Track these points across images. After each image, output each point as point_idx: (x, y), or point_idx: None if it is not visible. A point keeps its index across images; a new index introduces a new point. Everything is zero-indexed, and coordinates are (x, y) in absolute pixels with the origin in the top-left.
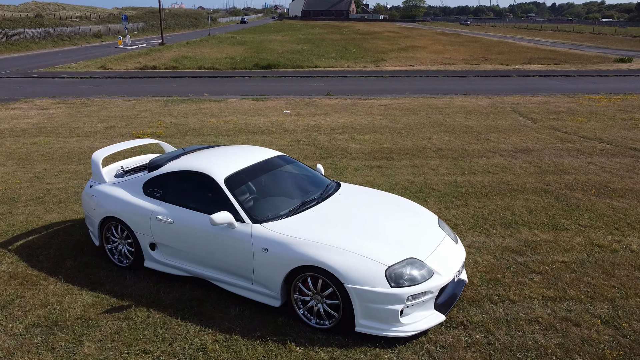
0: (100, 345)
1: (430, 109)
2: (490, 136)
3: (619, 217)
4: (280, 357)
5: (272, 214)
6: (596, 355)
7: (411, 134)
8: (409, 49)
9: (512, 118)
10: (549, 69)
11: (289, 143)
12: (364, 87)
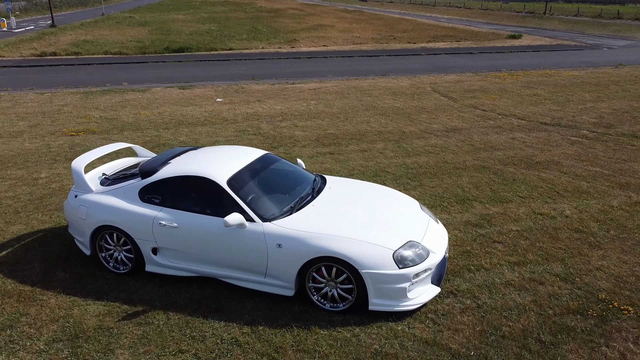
0: (132, 351)
1: (358, 91)
2: (420, 117)
3: (548, 187)
4: (308, 340)
5: (278, 212)
6: (563, 307)
7: (349, 118)
8: (317, 28)
9: (434, 98)
10: (452, 46)
11: (235, 133)
12: (286, 70)
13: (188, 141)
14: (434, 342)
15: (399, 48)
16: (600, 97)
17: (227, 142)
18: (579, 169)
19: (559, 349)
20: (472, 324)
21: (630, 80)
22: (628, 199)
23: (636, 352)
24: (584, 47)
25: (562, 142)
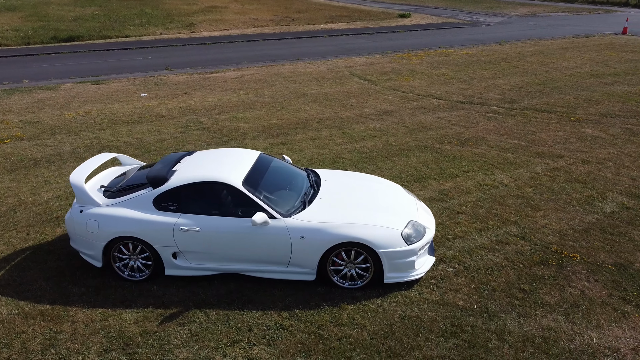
0: (189, 349)
1: (282, 78)
2: (350, 102)
3: (483, 161)
4: (342, 316)
5: (293, 207)
6: (529, 261)
7: (285, 107)
8: (211, 10)
9: (355, 82)
10: (350, 27)
11: (179, 130)
12: (197, 58)
13: (132, 141)
14: (443, 302)
15: (301, 30)
16: (497, 74)
17: (173, 139)
18: (501, 142)
19: (537, 293)
20: (467, 283)
21: (515, 57)
22: (547, 165)
23: (590, 287)
24: (467, 24)
25: (480, 119)
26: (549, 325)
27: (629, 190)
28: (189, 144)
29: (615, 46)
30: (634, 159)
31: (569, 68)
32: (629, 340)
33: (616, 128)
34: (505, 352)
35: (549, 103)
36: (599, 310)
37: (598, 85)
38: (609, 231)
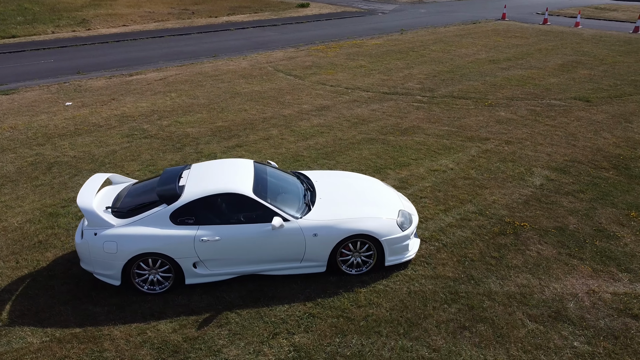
0: (236, 346)
1: (208, 77)
2: (286, 99)
3: (426, 148)
4: (358, 298)
5: (301, 209)
6: (491, 233)
7: (225, 108)
8: (100, 4)
9: (283, 78)
10: (255, 18)
11: (125, 139)
12: (107, 59)
13: (81, 155)
14: (436, 275)
15: (205, 24)
16: (409, 64)
17: (123, 149)
18: (435, 130)
19: (505, 258)
20: (449, 257)
21: (420, 46)
22: (479, 148)
23: (543, 249)
24: (364, 12)
25: (410, 109)
26: (522, 283)
27: (549, 164)
28: (143, 154)
29: (500, 32)
30: (544, 137)
31: (468, 55)
32: (582, 287)
33: (523, 110)
34: (497, 309)
35: (463, 90)
36: (555, 266)
37: (497, 70)
38: (543, 201)
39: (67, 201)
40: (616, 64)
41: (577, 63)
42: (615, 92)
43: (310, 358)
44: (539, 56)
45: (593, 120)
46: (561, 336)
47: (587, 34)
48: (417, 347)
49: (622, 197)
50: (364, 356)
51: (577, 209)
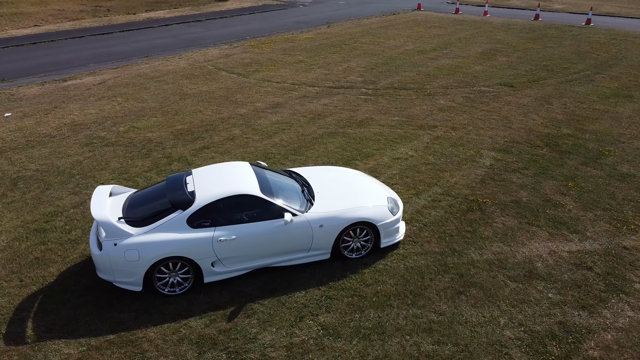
0: (269, 331)
1: (149, 79)
2: (236, 98)
3: (384, 138)
4: (365, 278)
5: (305, 204)
6: (461, 210)
7: (179, 111)
8: (2, 2)
9: (227, 77)
10: (176, 15)
11: (85, 149)
12: (30, 63)
13: (45, 169)
14: (425, 251)
15: (125, 22)
16: (345, 57)
17: (88, 159)
18: (386, 120)
19: (478, 231)
20: (431, 235)
21: (350, 38)
22: (430, 135)
23: (506, 220)
24: (285, 5)
25: (358, 102)
26: (496, 250)
27: (493, 146)
28: (110, 163)
29: (420, 22)
30: (483, 121)
31: (397, 47)
32: (544, 249)
33: (459, 97)
34: (482, 274)
35: (401, 81)
36: (519, 234)
37: (427, 61)
38: (496, 179)
39: (49, 216)
40: (527, 50)
41: (494, 51)
42: (533, 77)
43: (338, 334)
44: (460, 45)
45: (520, 103)
46: (537, 290)
47: (497, 22)
48: (426, 313)
49: (559, 171)
50: (383, 326)
51: (525, 183)
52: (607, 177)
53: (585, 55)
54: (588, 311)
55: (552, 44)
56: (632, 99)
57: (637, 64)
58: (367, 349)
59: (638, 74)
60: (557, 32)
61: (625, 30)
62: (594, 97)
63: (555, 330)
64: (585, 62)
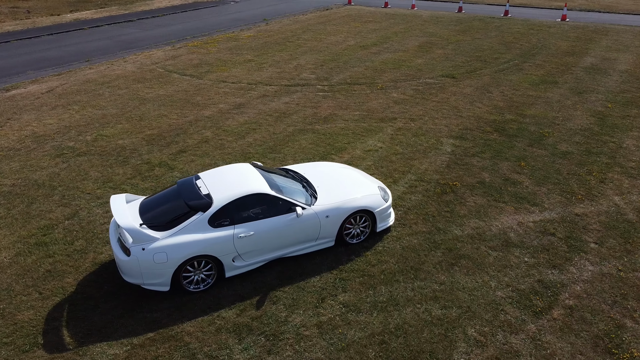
0: (297, 314)
1: (100, 85)
2: (197, 100)
3: (351, 132)
4: (369, 260)
5: (310, 198)
6: (435, 192)
7: (143, 116)
8: None
9: (180, 79)
10: (105, 14)
11: (58, 160)
12: None
13: (22, 183)
14: (414, 232)
15: (51, 24)
16: (292, 55)
17: (64, 170)
18: (349, 115)
19: (455, 211)
20: (416, 217)
21: (292, 36)
22: (392, 127)
23: (477, 199)
24: (216, 2)
25: (318, 98)
26: (474, 226)
27: (450, 134)
28: (90, 172)
29: (355, 17)
30: (436, 112)
31: (339, 43)
32: (513, 221)
33: (409, 90)
34: (467, 247)
35: (352, 77)
36: (490, 210)
37: (371, 55)
38: (459, 163)
39: (45, 229)
40: (459, 43)
41: (430, 44)
42: (469, 67)
43: (359, 309)
44: (397, 39)
45: (464, 93)
46: (515, 256)
47: (426, 15)
48: (429, 284)
49: (510, 153)
50: (395, 298)
51: (484, 166)
52: (551, 156)
53: (510, 45)
54: (558, 269)
55: (479, 35)
56: (557, 85)
57: (555, 52)
58: (387, 319)
59: (559, 62)
60: (482, 24)
61: (539, 20)
62: (525, 84)
63: (536, 287)
64: (511, 52)
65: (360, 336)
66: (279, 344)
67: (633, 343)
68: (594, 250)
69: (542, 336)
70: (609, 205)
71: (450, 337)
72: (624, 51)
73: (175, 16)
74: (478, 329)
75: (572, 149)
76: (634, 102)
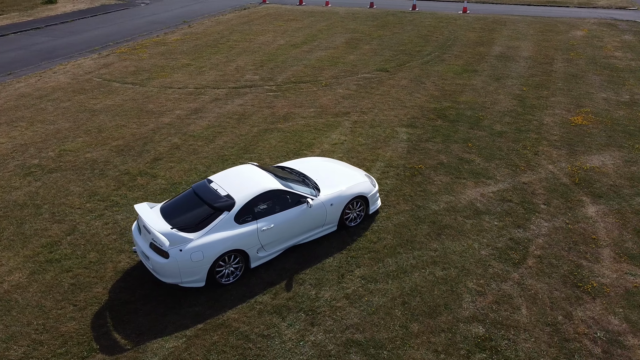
0: (325, 291)
1: (38, 99)
2: (150, 108)
3: (314, 128)
4: (370, 238)
5: (315, 189)
6: (405, 175)
7: (101, 128)
8: None
9: (122, 87)
10: (7, 22)
11: (29, 179)
12: None
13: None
14: (400, 211)
15: None
16: (228, 57)
17: (39, 188)
18: (305, 113)
19: (427, 190)
20: (397, 198)
21: (220, 37)
22: (349, 120)
23: (442, 178)
24: (126, 4)
25: (270, 98)
26: (446, 200)
27: (401, 123)
28: (71, 187)
29: (276, 16)
30: (383, 104)
31: (270, 43)
32: (476, 193)
33: (352, 85)
34: (446, 218)
35: (295, 75)
36: (455, 186)
37: (304, 54)
38: (417, 148)
39: (48, 247)
40: (382, 38)
41: (356, 40)
42: (398, 61)
43: (375, 279)
44: (323, 37)
45: (401, 85)
46: (486, 222)
47: (342, 12)
48: (426, 252)
49: (457, 136)
50: (402, 267)
51: (440, 149)
52: (490, 136)
53: (427, 38)
54: (522, 228)
55: (397, 30)
56: (477, 73)
57: (467, 43)
58: (401, 284)
59: (473, 52)
60: (396, 19)
61: (445, 13)
62: (450, 74)
63: (510, 244)
64: (430, 45)
65: (384, 301)
66: (317, 317)
67: (591, 277)
68: (545, 210)
69: (525, 281)
70: (546, 172)
71: (456, 291)
72: (523, 39)
73: (87, 21)
74: (475, 282)
75: (506, 128)
76: (542, 84)
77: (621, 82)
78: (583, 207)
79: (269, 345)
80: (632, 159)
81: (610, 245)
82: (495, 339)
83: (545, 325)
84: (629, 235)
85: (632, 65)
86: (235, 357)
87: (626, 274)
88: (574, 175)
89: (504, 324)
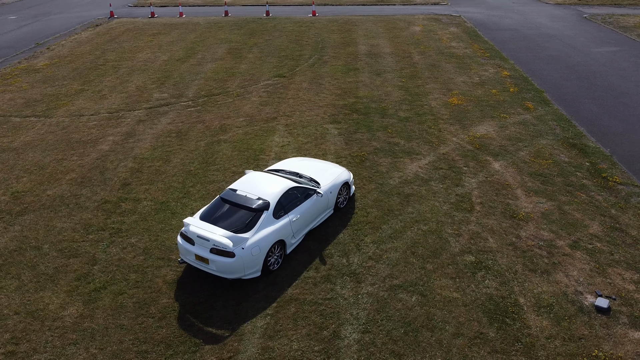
0: (351, 259)
1: None
2: (76, 138)
3: (255, 135)
4: (362, 214)
5: (314, 182)
6: (356, 162)
7: (43, 166)
8: None
9: (25, 121)
10: None
11: (2, 224)
12: None
13: None
14: (370, 190)
15: None
16: (119, 78)
17: (21, 232)
18: (241, 122)
19: (379, 169)
20: (362, 181)
21: (95, 57)
22: (285, 124)
23: (384, 161)
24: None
25: (196, 114)
26: (398, 176)
27: (331, 120)
28: (57, 224)
29: (138, 31)
30: (300, 106)
31: (153, 59)
32: (415, 167)
33: (262, 92)
34: (406, 189)
35: (203, 89)
36: (398, 164)
37: (196, 68)
38: (351, 140)
39: (83, 279)
40: (258, 45)
41: (235, 49)
42: (288, 66)
43: (384, 241)
44: (202, 49)
45: (304, 88)
46: (433, 186)
47: (204, 23)
48: (407, 216)
49: (375, 125)
50: (398, 229)
51: (369, 138)
52: (400, 122)
53: (300, 43)
54: (460, 186)
55: (267, 36)
56: (359, 70)
57: (335, 44)
58: (404, 240)
59: (345, 52)
60: (259, 26)
61: (299, 17)
62: (339, 73)
63: (460, 197)
64: (306, 49)
65: (399, 254)
66: (358, 276)
67: (518, 210)
68: (468, 171)
69: (481, 220)
70: (454, 144)
71: (443, 237)
72: (378, 37)
73: None
74: (451, 228)
75: (408, 114)
76: (414, 75)
77: (467, 67)
78: (490, 164)
79: (336, 304)
80: (503, 125)
81: (519, 187)
82: (483, 261)
83: (508, 245)
84: (527, 177)
85: (468, 52)
86: (317, 317)
87: (538, 204)
88: (473, 143)
89: (483, 250)
